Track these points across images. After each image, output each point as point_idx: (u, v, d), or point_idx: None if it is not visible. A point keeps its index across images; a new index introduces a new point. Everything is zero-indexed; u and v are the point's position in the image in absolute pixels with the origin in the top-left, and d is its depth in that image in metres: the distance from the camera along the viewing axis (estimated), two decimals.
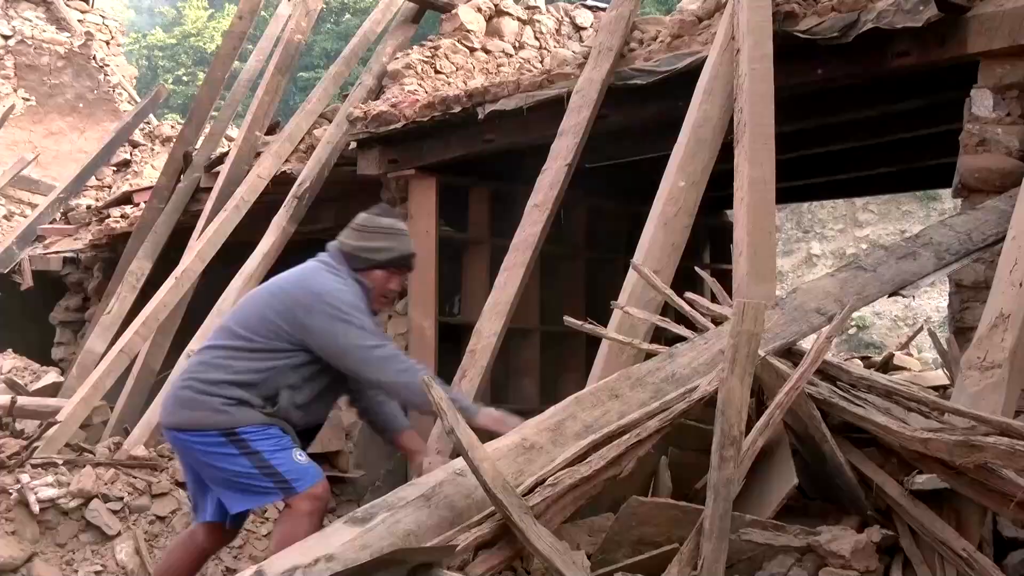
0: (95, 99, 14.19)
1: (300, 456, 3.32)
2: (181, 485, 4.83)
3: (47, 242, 10.44)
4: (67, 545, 4.34)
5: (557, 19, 8.10)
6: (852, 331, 17.15)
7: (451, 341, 5.75)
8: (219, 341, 3.44)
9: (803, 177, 6.87)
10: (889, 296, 3.19)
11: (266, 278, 6.20)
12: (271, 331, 3.32)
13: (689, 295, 3.31)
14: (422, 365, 3.44)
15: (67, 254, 9.86)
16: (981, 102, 3.63)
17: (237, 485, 3.33)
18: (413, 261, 3.62)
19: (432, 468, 3.12)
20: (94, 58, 14.17)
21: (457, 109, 5.37)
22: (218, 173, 7.28)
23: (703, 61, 4.07)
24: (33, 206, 11.87)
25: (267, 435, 3.30)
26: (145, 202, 8.21)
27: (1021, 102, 3.58)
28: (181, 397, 3.38)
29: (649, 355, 3.10)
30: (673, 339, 3.19)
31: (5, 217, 12.20)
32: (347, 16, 27.89)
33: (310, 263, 3.51)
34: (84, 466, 4.66)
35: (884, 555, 2.39)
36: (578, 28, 8.27)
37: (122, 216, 9.05)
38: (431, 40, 7.21)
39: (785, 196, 7.57)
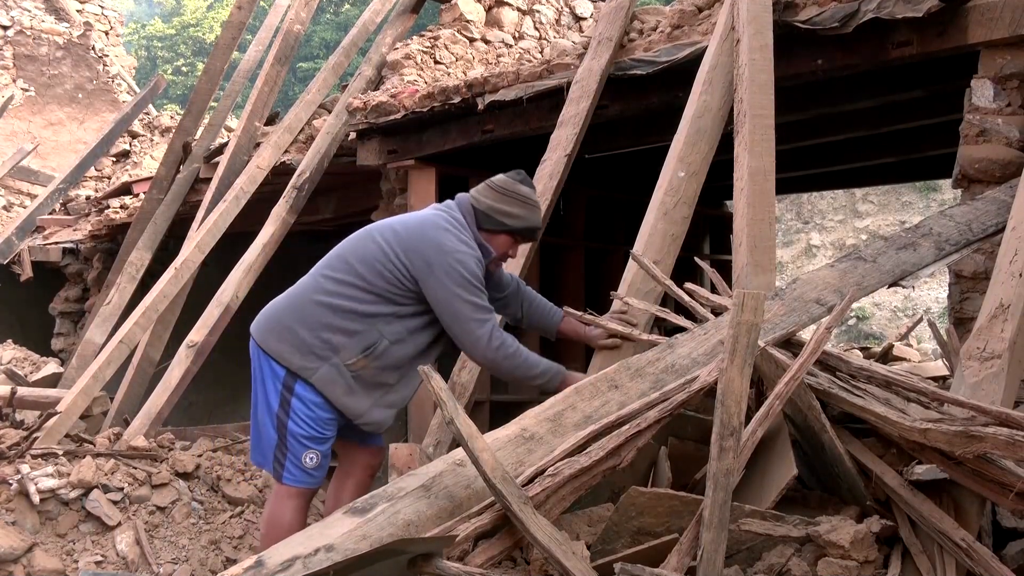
0: (94, 89, 14.18)
1: (310, 460, 3.31)
2: (181, 476, 4.84)
3: (46, 233, 10.44)
4: (67, 535, 4.34)
5: (557, 9, 8.09)
6: (852, 321, 17.17)
7: None
8: (335, 273, 3.32)
9: (803, 167, 6.88)
10: (889, 287, 3.18)
11: (266, 270, 6.26)
12: (391, 272, 3.23)
13: (689, 285, 3.31)
14: (519, 348, 3.29)
15: (66, 245, 9.86)
16: (981, 92, 3.62)
17: (258, 428, 3.37)
18: (539, 235, 3.63)
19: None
20: (93, 48, 14.15)
21: (456, 100, 5.36)
22: (217, 163, 7.28)
23: (703, 51, 4.06)
24: (32, 196, 11.88)
25: (311, 418, 3.29)
26: (144, 193, 8.21)
27: (1021, 92, 3.57)
28: (282, 325, 3.32)
29: (649, 345, 3.10)
30: (673, 329, 3.19)
31: (4, 208, 12.20)
32: (346, 6, 27.87)
33: (434, 212, 3.38)
34: (84, 456, 4.66)
35: (883, 545, 2.39)
36: (578, 18, 8.26)
37: (121, 207, 9.06)
38: (431, 30, 7.20)
39: (785, 186, 7.59)
